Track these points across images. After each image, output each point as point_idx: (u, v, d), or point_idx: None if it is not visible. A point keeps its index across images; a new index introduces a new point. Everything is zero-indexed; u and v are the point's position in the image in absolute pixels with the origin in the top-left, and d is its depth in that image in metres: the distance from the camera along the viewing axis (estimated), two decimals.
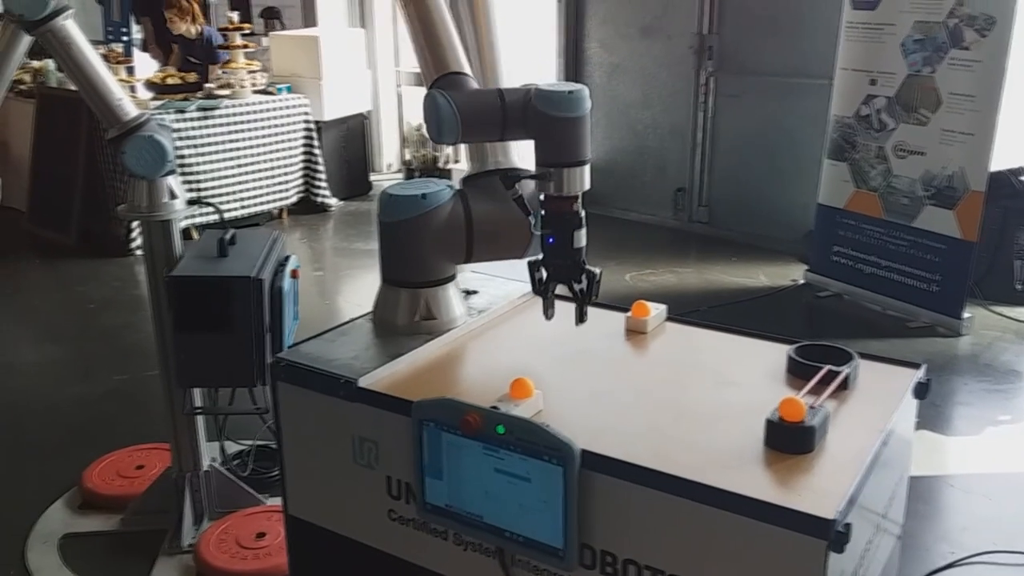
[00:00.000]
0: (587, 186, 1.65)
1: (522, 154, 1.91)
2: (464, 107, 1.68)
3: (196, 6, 6.71)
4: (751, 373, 1.70)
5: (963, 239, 4.35)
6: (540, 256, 1.69)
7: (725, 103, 6.07)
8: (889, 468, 1.55)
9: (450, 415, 1.45)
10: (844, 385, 1.59)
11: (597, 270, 1.67)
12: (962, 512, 3.06)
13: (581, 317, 1.70)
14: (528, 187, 1.90)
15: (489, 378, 1.72)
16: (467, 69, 1.83)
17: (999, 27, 4.12)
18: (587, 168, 1.64)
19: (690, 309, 4.57)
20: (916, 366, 1.70)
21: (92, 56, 2.57)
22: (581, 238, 1.66)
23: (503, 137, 1.76)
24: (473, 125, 1.70)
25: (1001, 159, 4.49)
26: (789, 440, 1.41)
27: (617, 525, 1.39)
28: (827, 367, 1.60)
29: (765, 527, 1.26)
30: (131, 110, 2.59)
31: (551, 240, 1.65)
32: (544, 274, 1.67)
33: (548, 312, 1.71)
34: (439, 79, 1.78)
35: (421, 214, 1.76)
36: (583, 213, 1.66)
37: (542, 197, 1.66)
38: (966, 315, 4.42)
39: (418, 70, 6.81)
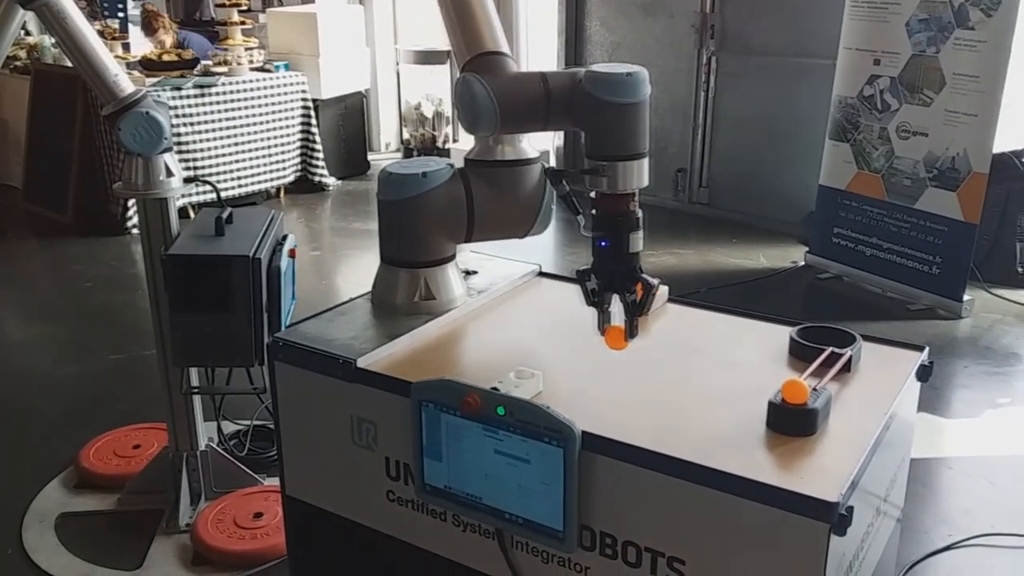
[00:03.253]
0: (645, 182, 1.46)
1: (531, 137, 1.88)
2: (502, 94, 1.49)
3: (165, 19, 6.69)
4: (753, 355, 1.68)
5: (965, 221, 4.33)
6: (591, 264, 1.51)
7: (727, 83, 6.03)
8: (891, 451, 1.54)
9: (450, 396, 1.44)
10: (847, 367, 1.58)
11: (655, 281, 1.47)
12: (961, 494, 3.06)
13: (632, 332, 1.49)
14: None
15: (489, 359, 1.70)
16: (504, 47, 1.61)
17: (1004, 7, 4.08)
18: (645, 162, 1.45)
19: (690, 290, 4.55)
20: (919, 348, 1.68)
21: (88, 31, 2.54)
22: (637, 241, 1.47)
23: (546, 127, 1.56)
24: (512, 115, 1.51)
25: (1004, 140, 4.46)
26: (792, 422, 1.39)
27: (617, 507, 1.38)
28: (830, 349, 1.58)
29: (767, 509, 1.25)
30: (127, 86, 2.56)
31: (603, 244, 1.47)
32: (596, 283, 1.49)
33: (603, 327, 1.52)
34: (473, 60, 1.57)
35: (422, 193, 1.73)
36: (640, 213, 1.47)
37: (593, 195, 1.47)
38: (967, 297, 4.41)
39: (418, 48, 6.81)
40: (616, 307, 1.54)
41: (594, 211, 1.49)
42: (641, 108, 1.43)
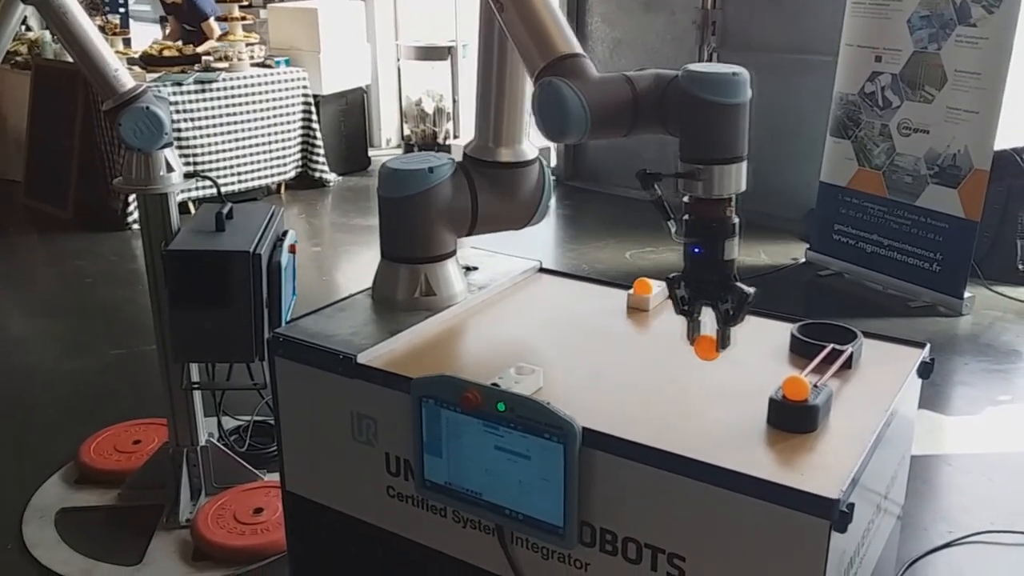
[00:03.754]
0: (743, 187, 1.41)
1: (531, 134, 1.87)
2: (593, 99, 1.40)
3: None
4: (754, 351, 1.68)
5: (966, 218, 4.32)
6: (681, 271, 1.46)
7: None
8: (892, 448, 1.54)
9: (450, 392, 1.44)
10: (848, 364, 1.58)
11: (750, 289, 1.42)
12: (961, 491, 3.06)
13: (724, 342, 1.44)
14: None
15: (489, 355, 1.70)
16: (579, 47, 1.52)
17: (1006, 3, 4.07)
18: (744, 166, 1.40)
19: None
20: (920, 345, 1.68)
21: (88, 26, 2.53)
22: (733, 249, 1.42)
23: (630, 132, 1.48)
24: (602, 120, 1.42)
25: (1006, 137, 4.46)
26: (792, 419, 1.39)
27: (617, 503, 1.38)
28: (831, 346, 1.58)
29: (767, 506, 1.25)
30: (127, 81, 2.56)
31: (697, 250, 1.42)
32: (686, 291, 1.44)
33: (692, 336, 1.46)
34: (551, 64, 1.47)
35: (428, 188, 1.73)
36: (736, 219, 1.42)
37: (686, 199, 1.42)
38: (967, 295, 4.40)
39: (419, 44, 6.79)
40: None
41: (687, 216, 1.43)
42: (744, 110, 1.38)
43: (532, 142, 1.89)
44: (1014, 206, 4.83)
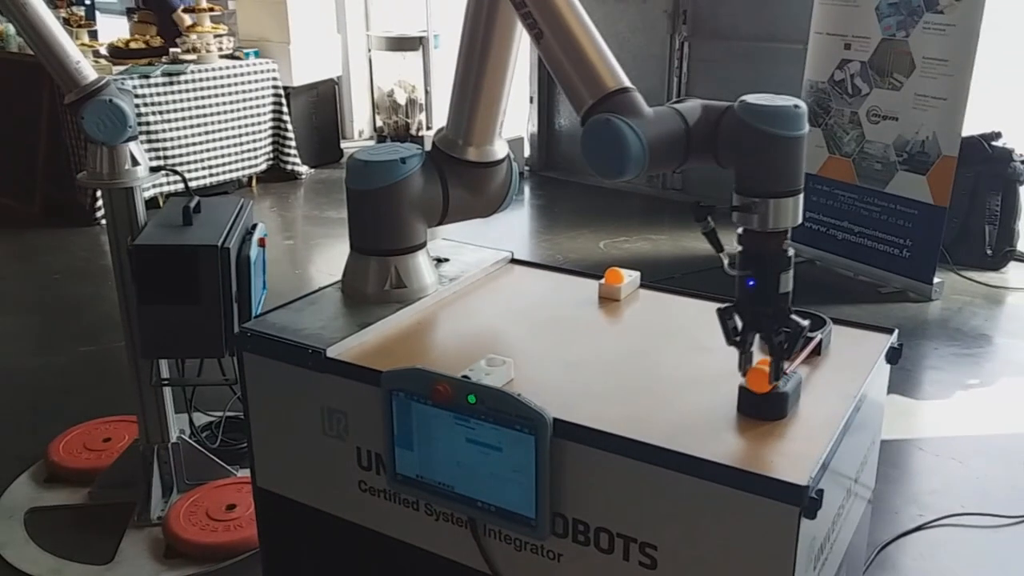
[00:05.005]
0: (800, 220, 1.37)
1: (502, 131, 1.86)
2: (651, 137, 1.38)
3: None
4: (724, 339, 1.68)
5: (935, 204, 4.37)
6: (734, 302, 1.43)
7: (699, 68, 6.03)
8: (861, 433, 1.55)
9: (420, 385, 1.43)
10: (817, 351, 1.58)
11: (805, 322, 1.39)
12: (931, 475, 3.09)
13: (776, 374, 1.39)
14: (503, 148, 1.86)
15: (460, 347, 1.69)
16: (627, 80, 1.49)
17: None
18: (800, 198, 1.37)
19: (664, 276, 4.56)
20: (889, 331, 1.70)
21: (48, 17, 2.49)
22: (788, 281, 1.39)
23: (680, 167, 1.49)
24: (659, 157, 1.40)
25: (973, 124, 4.50)
26: (762, 406, 1.40)
27: (589, 493, 1.38)
28: None
29: (737, 494, 1.26)
30: (90, 73, 2.52)
31: (751, 283, 1.40)
32: (739, 322, 1.41)
33: (744, 367, 1.42)
34: (602, 101, 1.44)
35: (399, 180, 1.71)
36: (792, 252, 1.39)
37: (741, 231, 1.41)
38: (937, 280, 4.46)
39: (390, 34, 6.73)
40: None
41: (741, 248, 1.42)
42: (803, 143, 1.35)
43: (503, 140, 1.88)
44: (982, 192, 4.89)
